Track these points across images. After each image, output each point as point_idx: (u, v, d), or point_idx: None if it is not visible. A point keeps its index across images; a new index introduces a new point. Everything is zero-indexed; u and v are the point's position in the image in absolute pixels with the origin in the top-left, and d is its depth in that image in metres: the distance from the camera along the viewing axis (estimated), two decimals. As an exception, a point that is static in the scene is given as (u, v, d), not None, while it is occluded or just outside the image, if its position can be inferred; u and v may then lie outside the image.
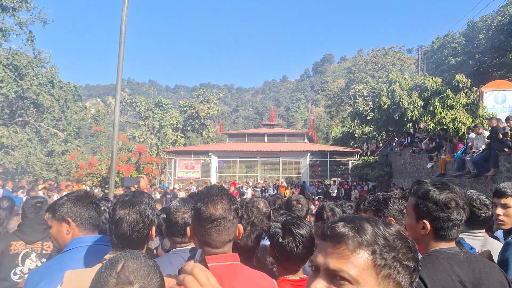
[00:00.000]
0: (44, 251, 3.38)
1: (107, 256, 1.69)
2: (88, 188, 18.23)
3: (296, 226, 1.90)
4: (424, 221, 1.72)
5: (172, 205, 2.29)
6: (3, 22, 21.71)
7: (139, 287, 1.04)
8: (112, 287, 1.04)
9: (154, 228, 1.82)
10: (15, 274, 3.29)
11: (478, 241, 2.64)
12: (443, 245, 1.72)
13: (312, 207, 11.02)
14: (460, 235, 2.43)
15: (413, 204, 1.77)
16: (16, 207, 5.66)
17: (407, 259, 0.88)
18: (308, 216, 3.29)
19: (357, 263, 0.86)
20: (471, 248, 2.38)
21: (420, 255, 1.72)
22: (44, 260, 3.35)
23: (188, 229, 1.62)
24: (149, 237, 1.81)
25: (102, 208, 2.34)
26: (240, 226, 1.62)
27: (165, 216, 2.51)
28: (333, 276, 0.88)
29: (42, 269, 1.91)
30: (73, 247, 1.95)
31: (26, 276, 3.29)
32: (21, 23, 22.13)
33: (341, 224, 0.91)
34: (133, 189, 5.25)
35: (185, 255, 2.08)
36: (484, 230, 2.74)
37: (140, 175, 3.94)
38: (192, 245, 2.26)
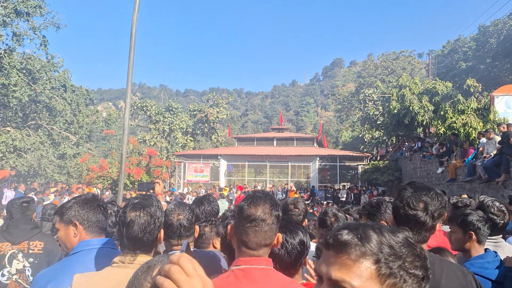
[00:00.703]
0: (30, 251, 3.35)
1: (116, 259, 1.72)
2: (98, 191, 18.43)
3: (288, 234, 1.85)
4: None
5: (168, 207, 2.33)
6: (18, 27, 22.09)
7: None
8: None
9: (162, 231, 1.86)
10: (3, 275, 3.28)
11: (500, 247, 2.64)
12: None
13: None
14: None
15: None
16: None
17: (414, 268, 0.85)
18: (305, 221, 3.26)
19: (360, 273, 0.84)
20: (496, 255, 2.33)
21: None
22: (31, 260, 3.35)
23: (229, 226, 1.67)
24: (158, 239, 1.84)
25: (109, 211, 2.39)
26: (280, 236, 1.63)
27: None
28: (336, 286, 0.85)
29: (49, 271, 1.92)
30: (80, 250, 1.97)
31: (14, 277, 3.32)
32: (35, 28, 22.48)
33: (344, 232, 0.88)
34: (150, 191, 5.29)
35: None
36: (501, 236, 2.74)
37: (156, 181, 3.94)
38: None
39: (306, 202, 18.04)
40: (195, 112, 38.20)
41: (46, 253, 3.38)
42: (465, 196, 6.10)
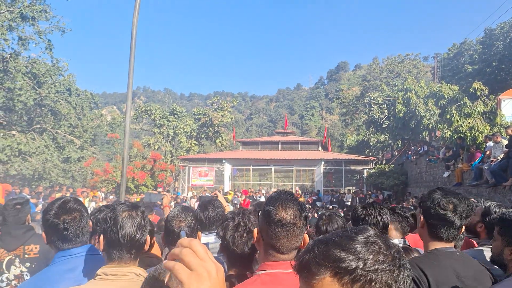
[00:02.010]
0: (26, 255, 3.30)
1: (99, 271, 1.64)
2: (102, 195, 18.42)
3: None
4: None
5: (170, 213, 2.27)
6: (23, 31, 22.25)
7: None
8: None
9: (149, 238, 1.81)
10: (2, 281, 3.24)
11: None
12: (442, 245, 1.95)
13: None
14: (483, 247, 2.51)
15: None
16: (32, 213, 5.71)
17: (377, 263, 0.80)
18: (307, 227, 3.21)
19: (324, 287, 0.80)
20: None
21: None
22: (28, 264, 3.30)
23: (254, 231, 1.60)
24: (147, 243, 1.78)
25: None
26: (306, 236, 1.60)
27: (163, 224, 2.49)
28: None
29: (32, 282, 1.89)
30: (57, 260, 1.95)
31: (13, 282, 3.26)
32: (40, 32, 22.63)
33: (302, 254, 0.86)
34: (158, 203, 5.24)
35: None
36: None
37: (164, 193, 3.92)
38: None
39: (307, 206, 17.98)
40: (199, 116, 38.23)
41: (43, 255, 3.32)
42: (473, 200, 5.99)
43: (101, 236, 1.68)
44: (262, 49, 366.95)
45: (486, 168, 11.37)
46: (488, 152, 11.97)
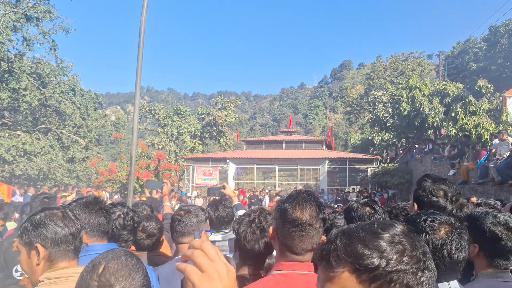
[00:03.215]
0: None
1: (42, 277, 1.60)
2: (107, 195, 18.48)
3: None
4: None
5: (175, 215, 2.28)
6: (28, 31, 22.34)
7: None
8: None
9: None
10: (16, 271, 3.28)
11: None
12: None
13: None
14: None
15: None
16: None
17: (400, 263, 0.78)
18: None
19: (341, 283, 0.80)
20: None
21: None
22: None
23: (270, 228, 1.59)
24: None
25: (118, 213, 2.32)
26: (324, 238, 1.55)
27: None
28: None
29: None
30: (82, 255, 1.91)
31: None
32: (45, 33, 22.72)
33: (325, 244, 0.85)
34: (155, 192, 5.28)
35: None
36: None
37: (164, 181, 3.90)
38: None
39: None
40: (203, 116, 38.25)
41: None
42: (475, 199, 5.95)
43: None
44: (266, 48, 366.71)
45: (492, 166, 11.31)
46: (493, 150, 11.91)
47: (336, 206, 18.47)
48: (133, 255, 1.18)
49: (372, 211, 2.34)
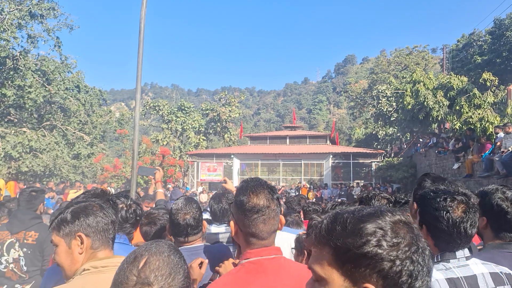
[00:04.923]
0: (25, 241, 3.36)
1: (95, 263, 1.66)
2: (112, 190, 18.60)
3: None
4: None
5: (173, 206, 2.29)
6: (32, 29, 22.40)
7: None
8: (131, 285, 1.01)
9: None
10: (0, 263, 3.31)
11: None
12: None
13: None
14: None
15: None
16: (45, 208, 5.79)
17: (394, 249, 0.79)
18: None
19: (321, 259, 0.84)
20: None
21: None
22: (25, 250, 3.35)
23: (231, 224, 1.59)
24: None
25: (120, 206, 2.36)
26: (282, 217, 1.60)
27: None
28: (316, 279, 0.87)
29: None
30: None
31: (11, 265, 3.33)
32: (49, 30, 22.77)
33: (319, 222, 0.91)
34: (150, 178, 5.30)
35: (187, 253, 2.07)
36: None
37: (156, 168, 3.95)
38: (196, 243, 2.25)
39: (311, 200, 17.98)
40: (207, 111, 38.32)
41: (39, 244, 3.39)
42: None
43: None
44: (269, 44, 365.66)
45: (497, 159, 11.27)
46: (498, 143, 11.85)
47: (339, 200, 18.48)
48: (177, 251, 1.13)
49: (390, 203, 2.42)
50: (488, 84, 17.61)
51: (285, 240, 2.85)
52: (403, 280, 0.77)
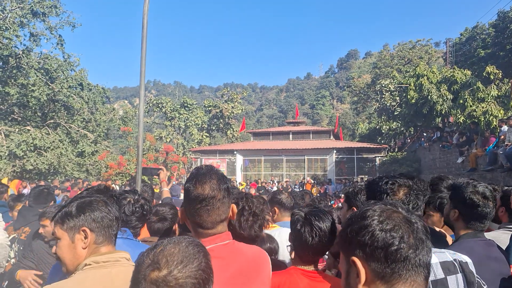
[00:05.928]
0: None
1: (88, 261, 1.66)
2: (117, 188, 18.66)
3: (316, 218, 1.87)
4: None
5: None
6: (34, 27, 22.46)
7: (167, 273, 1.03)
8: (144, 268, 1.05)
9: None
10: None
11: None
12: None
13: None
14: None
15: None
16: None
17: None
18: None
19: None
20: None
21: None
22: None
23: (179, 211, 1.61)
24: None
25: (128, 199, 2.38)
26: (234, 206, 1.61)
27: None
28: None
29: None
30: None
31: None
32: (51, 28, 22.81)
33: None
34: (155, 177, 5.38)
35: None
36: None
37: (160, 167, 3.98)
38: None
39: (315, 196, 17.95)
40: (210, 108, 38.32)
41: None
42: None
43: None
44: (271, 39, 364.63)
45: (501, 152, 11.24)
46: (502, 137, 11.82)
47: (342, 195, 18.46)
48: (198, 244, 1.15)
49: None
50: (492, 77, 17.49)
51: (286, 237, 2.86)
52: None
